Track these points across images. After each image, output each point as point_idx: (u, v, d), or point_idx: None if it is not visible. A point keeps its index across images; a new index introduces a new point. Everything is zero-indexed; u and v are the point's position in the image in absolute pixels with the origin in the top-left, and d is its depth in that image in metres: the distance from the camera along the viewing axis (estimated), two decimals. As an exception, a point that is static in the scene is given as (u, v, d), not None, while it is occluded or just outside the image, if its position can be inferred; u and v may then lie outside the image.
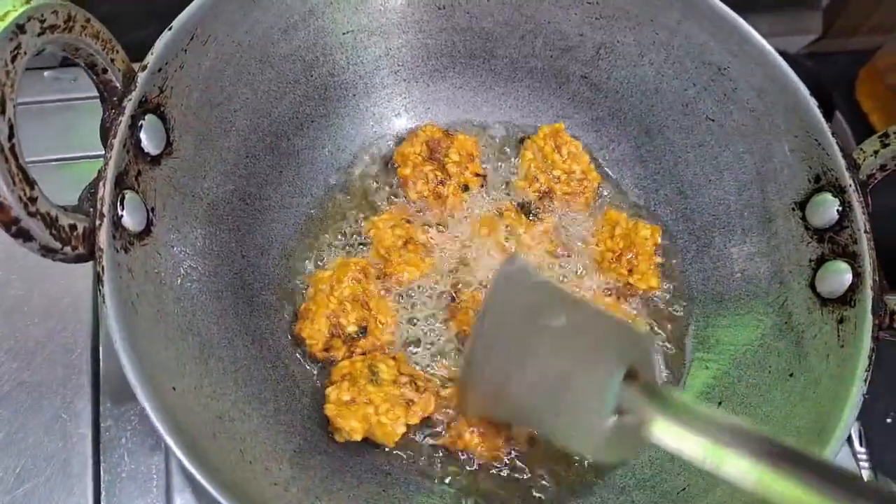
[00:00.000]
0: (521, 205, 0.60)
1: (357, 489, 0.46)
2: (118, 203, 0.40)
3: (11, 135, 0.33)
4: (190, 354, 0.43)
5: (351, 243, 0.57)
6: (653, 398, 0.38)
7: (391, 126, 0.63)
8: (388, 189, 0.60)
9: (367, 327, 0.51)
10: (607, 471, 0.50)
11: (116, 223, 0.39)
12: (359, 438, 0.46)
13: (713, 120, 0.57)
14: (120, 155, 0.40)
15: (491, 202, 0.60)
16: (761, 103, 0.53)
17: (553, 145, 0.59)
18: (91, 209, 0.39)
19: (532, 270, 0.48)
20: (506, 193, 0.61)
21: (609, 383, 0.39)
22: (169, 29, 0.44)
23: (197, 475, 0.35)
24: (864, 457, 0.74)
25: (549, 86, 0.63)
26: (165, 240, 0.44)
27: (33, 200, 0.34)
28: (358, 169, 0.60)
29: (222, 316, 0.48)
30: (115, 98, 0.42)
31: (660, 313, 0.58)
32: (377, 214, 0.58)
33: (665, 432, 0.37)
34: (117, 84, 0.43)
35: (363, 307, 0.51)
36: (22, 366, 0.54)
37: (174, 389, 0.39)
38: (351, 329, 0.51)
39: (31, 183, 0.35)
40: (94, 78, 0.42)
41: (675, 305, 0.58)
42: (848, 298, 0.47)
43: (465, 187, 0.59)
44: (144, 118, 0.42)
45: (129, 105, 0.41)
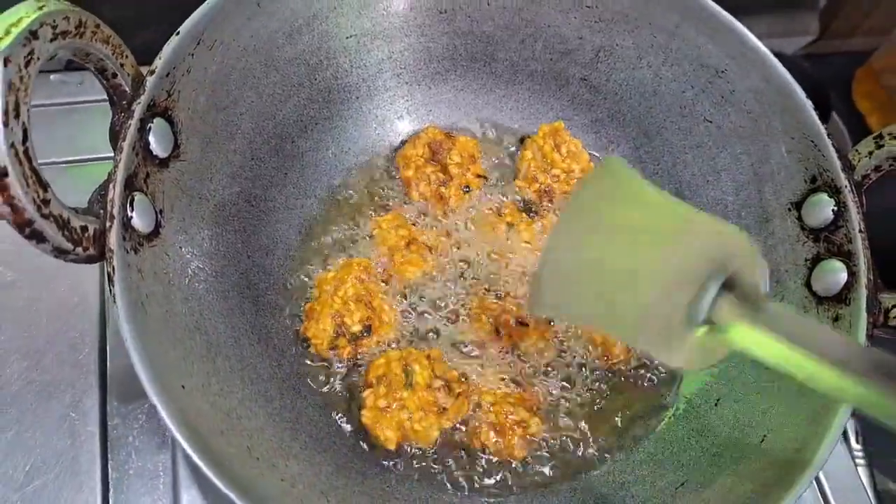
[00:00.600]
0: (522, 204, 0.61)
1: (362, 485, 0.46)
2: (128, 205, 0.41)
3: (25, 138, 0.34)
4: (198, 353, 0.44)
5: (354, 244, 0.58)
6: (751, 310, 0.36)
7: (394, 128, 0.64)
8: (391, 190, 0.61)
9: (372, 326, 0.52)
10: (606, 465, 0.52)
11: (126, 225, 0.40)
12: (392, 447, 0.48)
13: (711, 121, 0.58)
14: (129, 157, 0.41)
15: (492, 202, 0.61)
16: (758, 105, 0.54)
17: (552, 144, 0.60)
18: (101, 211, 0.40)
19: (627, 166, 0.44)
20: (507, 193, 0.62)
21: (702, 292, 0.37)
22: (176, 34, 0.45)
23: (206, 471, 0.36)
24: (861, 454, 0.75)
25: (549, 88, 0.64)
26: (174, 241, 0.45)
27: (46, 203, 0.35)
28: (361, 170, 0.61)
29: (229, 315, 0.48)
30: (125, 102, 0.43)
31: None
32: (380, 215, 0.59)
33: (759, 345, 0.35)
34: (126, 88, 0.43)
35: (367, 306, 0.52)
36: (31, 365, 0.55)
37: (183, 388, 0.40)
38: (355, 328, 0.52)
39: (45, 185, 0.35)
40: (104, 82, 0.43)
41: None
42: (843, 297, 0.48)
43: (467, 188, 0.60)
44: (153, 121, 0.43)
45: (138, 108, 0.42)
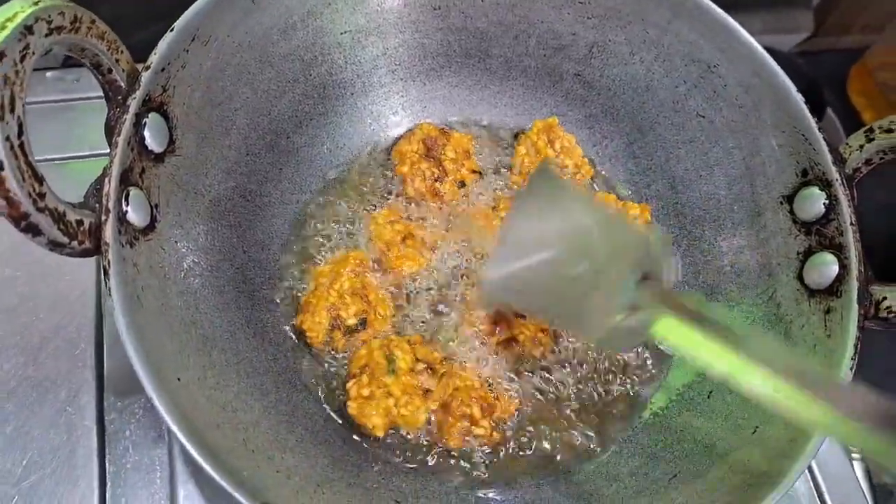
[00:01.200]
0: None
1: (357, 477, 0.47)
2: (123, 199, 0.41)
3: (21, 132, 0.34)
4: (193, 347, 0.44)
5: (350, 238, 0.58)
6: (663, 299, 0.41)
7: (388, 124, 0.64)
8: (386, 186, 0.61)
9: (367, 319, 0.53)
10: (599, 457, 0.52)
11: (121, 219, 0.40)
12: (381, 434, 0.48)
13: (703, 116, 0.58)
14: (124, 152, 0.41)
15: (487, 197, 0.61)
16: (750, 99, 0.55)
17: (546, 140, 0.60)
18: (97, 205, 0.40)
19: (560, 174, 0.52)
20: (501, 188, 0.62)
21: (625, 282, 0.42)
22: (171, 30, 0.45)
23: (202, 463, 0.36)
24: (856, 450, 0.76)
25: (543, 84, 0.65)
26: (169, 235, 0.45)
27: (42, 196, 0.36)
28: (356, 166, 0.62)
29: (224, 309, 0.49)
30: (120, 97, 0.43)
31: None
32: (376, 210, 0.59)
33: (671, 331, 0.40)
34: (122, 83, 0.44)
35: (362, 300, 0.53)
36: (28, 360, 0.55)
37: (179, 380, 0.40)
38: (351, 321, 0.52)
39: (40, 179, 0.36)
40: (100, 78, 0.43)
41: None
42: (834, 289, 0.48)
43: (462, 183, 0.61)
44: (148, 116, 0.43)
45: (133, 104, 0.42)
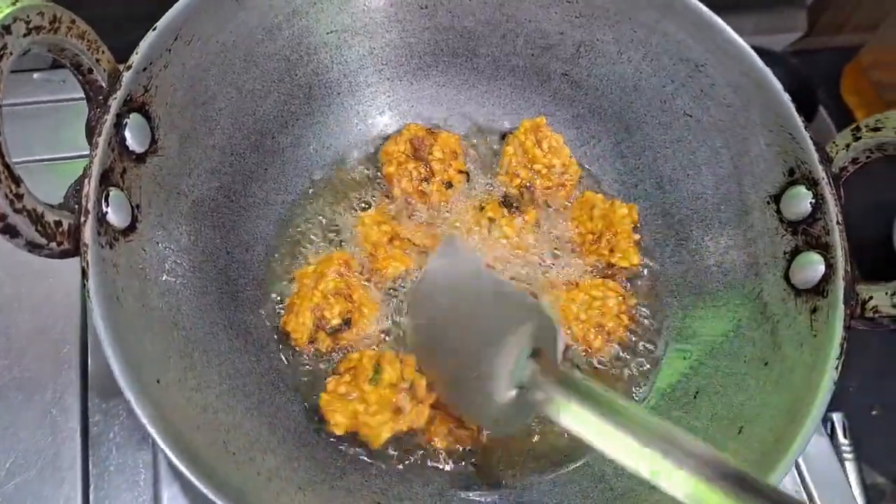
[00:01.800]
0: (504, 199, 0.61)
1: (340, 480, 0.46)
2: (103, 200, 0.41)
3: (-3, 132, 0.34)
4: (175, 348, 0.44)
5: (335, 239, 0.58)
6: (555, 378, 0.41)
7: (375, 124, 0.64)
8: (373, 187, 0.61)
9: (351, 319, 0.52)
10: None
11: (101, 220, 0.40)
12: (340, 433, 0.47)
13: (691, 115, 0.58)
14: (105, 153, 0.41)
15: (474, 198, 0.61)
16: (737, 99, 0.54)
17: (534, 140, 0.60)
18: (76, 206, 0.40)
19: (463, 250, 0.52)
20: (488, 189, 0.62)
21: (514, 359, 0.42)
22: (153, 29, 0.45)
23: (180, 465, 0.36)
24: (848, 449, 0.76)
25: (531, 83, 0.64)
26: (150, 236, 0.45)
27: (19, 197, 0.35)
28: (342, 166, 0.61)
29: (207, 311, 0.48)
30: (101, 97, 0.43)
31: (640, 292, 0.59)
32: (362, 211, 0.59)
33: (563, 411, 0.39)
34: (103, 84, 0.43)
35: (347, 300, 0.52)
36: (12, 362, 0.55)
37: (158, 382, 0.40)
38: (335, 322, 0.52)
39: (17, 180, 0.35)
40: (80, 78, 0.43)
41: (651, 295, 0.59)
42: (821, 289, 0.48)
43: (449, 184, 0.60)
44: (129, 117, 0.43)
45: (114, 104, 0.42)
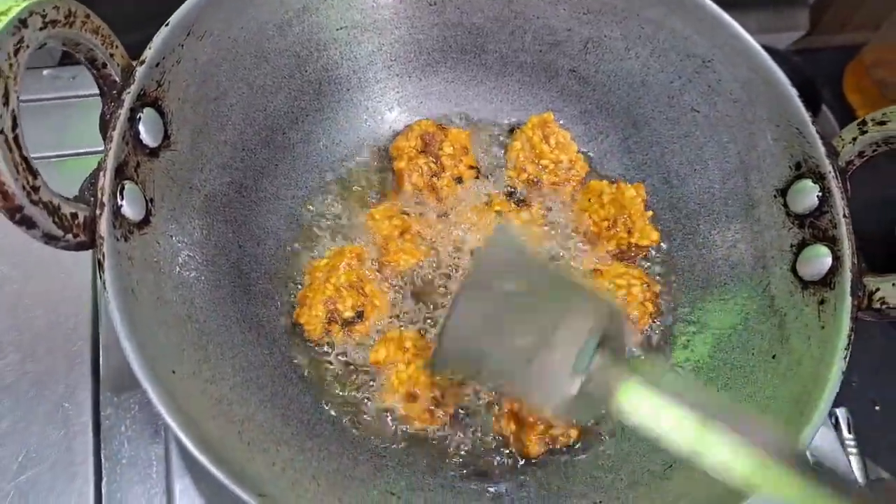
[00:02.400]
0: (510, 194, 0.62)
1: (353, 470, 0.47)
2: (118, 193, 0.41)
3: (15, 125, 0.35)
4: (189, 340, 0.44)
5: (346, 233, 0.58)
6: (620, 366, 0.41)
7: (384, 119, 0.64)
8: (383, 181, 0.61)
9: (364, 312, 0.53)
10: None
11: (116, 212, 0.41)
12: (372, 360, 0.52)
13: (698, 111, 0.59)
14: (119, 146, 0.41)
15: (482, 192, 0.62)
16: (744, 94, 0.55)
17: (541, 135, 0.60)
18: (92, 199, 0.40)
19: (518, 237, 0.51)
20: (496, 183, 0.62)
21: (581, 349, 0.42)
22: (166, 25, 0.45)
23: (197, 454, 0.36)
24: (853, 443, 0.76)
25: (539, 80, 0.65)
26: (164, 230, 0.46)
27: (36, 189, 0.36)
28: (352, 161, 0.62)
29: (220, 304, 0.49)
30: (115, 92, 0.43)
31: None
32: (373, 206, 0.59)
33: (629, 400, 0.39)
34: (116, 78, 0.44)
35: (359, 293, 0.53)
36: (25, 357, 0.55)
37: (174, 373, 0.40)
38: (348, 314, 0.52)
39: (34, 172, 0.36)
40: (94, 72, 0.43)
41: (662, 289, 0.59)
42: (828, 281, 0.48)
43: (459, 179, 0.61)
44: (143, 111, 0.44)
45: (128, 98, 0.42)
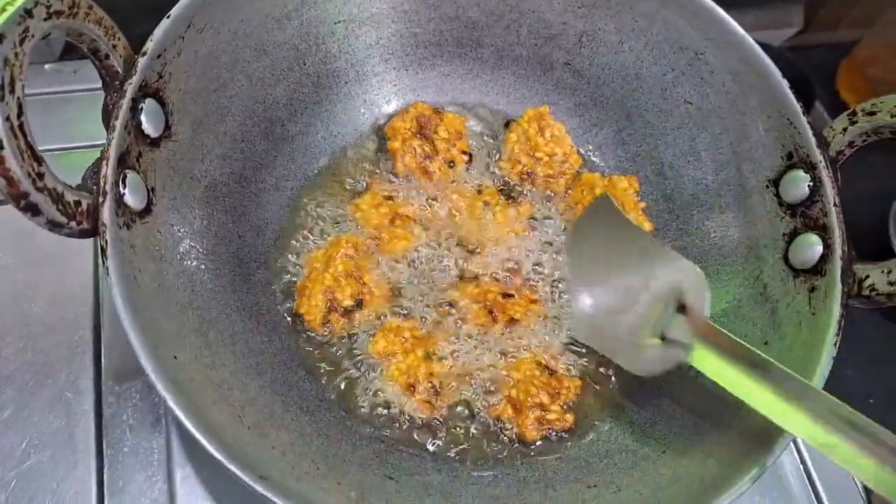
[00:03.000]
0: (503, 184, 0.63)
1: (352, 455, 0.47)
2: (120, 182, 0.41)
3: (20, 113, 0.35)
4: (190, 327, 0.45)
5: (343, 224, 0.59)
6: (700, 331, 0.46)
7: (382, 112, 0.65)
8: (379, 172, 0.62)
9: (363, 301, 0.54)
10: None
11: (119, 201, 0.41)
12: (371, 350, 0.53)
13: (691, 103, 0.59)
14: (121, 136, 0.42)
15: (474, 180, 0.62)
16: (736, 86, 0.56)
17: (537, 128, 0.61)
18: (94, 187, 0.41)
19: (615, 206, 0.56)
20: (489, 173, 0.63)
21: (663, 313, 0.47)
22: (167, 17, 0.46)
23: (199, 436, 0.37)
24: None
25: (534, 73, 0.66)
26: (165, 219, 0.46)
27: (41, 176, 0.36)
28: (349, 153, 0.63)
29: (221, 292, 0.49)
30: (117, 82, 0.44)
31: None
32: (358, 197, 0.60)
33: (706, 363, 0.45)
34: (119, 69, 0.44)
35: (357, 282, 0.53)
36: (27, 346, 0.56)
37: (175, 358, 0.41)
38: (347, 303, 0.53)
39: (39, 159, 0.36)
40: (97, 63, 0.44)
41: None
42: (819, 269, 0.49)
43: (452, 163, 0.62)
44: (144, 102, 0.44)
45: (130, 89, 0.43)
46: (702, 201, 0.60)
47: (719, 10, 0.55)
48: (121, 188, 0.42)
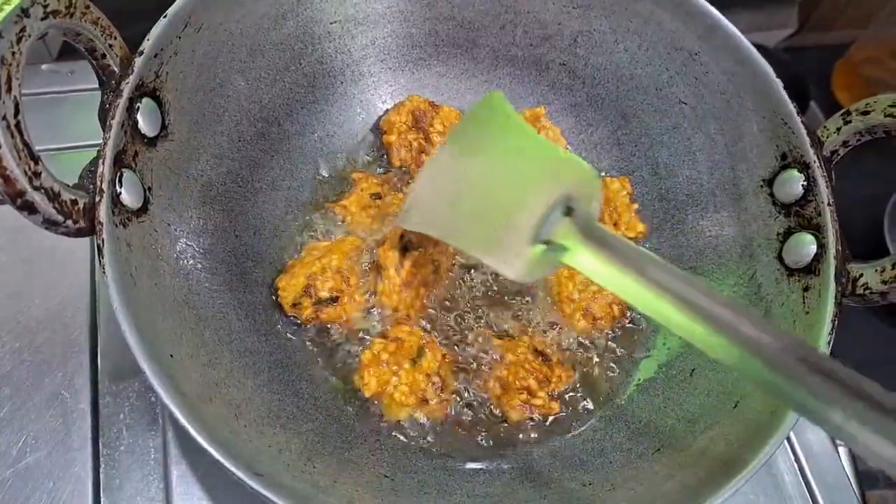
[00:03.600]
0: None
1: (347, 453, 0.47)
2: (117, 181, 0.42)
3: (17, 112, 0.36)
4: (186, 326, 0.45)
5: (339, 226, 0.59)
6: (586, 233, 0.40)
7: (377, 112, 0.65)
8: (372, 170, 0.62)
9: (339, 299, 0.53)
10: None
11: (115, 199, 0.41)
12: (367, 394, 0.51)
13: (686, 103, 0.60)
14: (118, 135, 0.42)
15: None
16: (731, 86, 0.56)
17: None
18: (91, 186, 0.41)
19: (506, 103, 0.50)
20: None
21: (542, 215, 0.41)
22: (164, 17, 0.46)
23: (194, 434, 0.37)
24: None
25: (530, 73, 0.66)
26: (162, 218, 0.46)
27: (37, 175, 0.37)
28: (345, 154, 0.63)
29: (217, 291, 0.50)
30: (114, 82, 0.44)
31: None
32: (346, 198, 0.59)
33: (592, 265, 0.40)
34: (115, 69, 0.45)
35: (343, 280, 0.53)
36: (23, 345, 0.56)
37: (171, 357, 0.41)
38: (323, 294, 0.53)
39: (36, 158, 0.37)
40: (94, 63, 0.44)
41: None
42: (813, 268, 0.49)
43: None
44: (141, 101, 0.44)
45: (127, 88, 0.43)
46: (696, 201, 0.60)
47: (714, 12, 0.56)
48: (117, 187, 0.42)
